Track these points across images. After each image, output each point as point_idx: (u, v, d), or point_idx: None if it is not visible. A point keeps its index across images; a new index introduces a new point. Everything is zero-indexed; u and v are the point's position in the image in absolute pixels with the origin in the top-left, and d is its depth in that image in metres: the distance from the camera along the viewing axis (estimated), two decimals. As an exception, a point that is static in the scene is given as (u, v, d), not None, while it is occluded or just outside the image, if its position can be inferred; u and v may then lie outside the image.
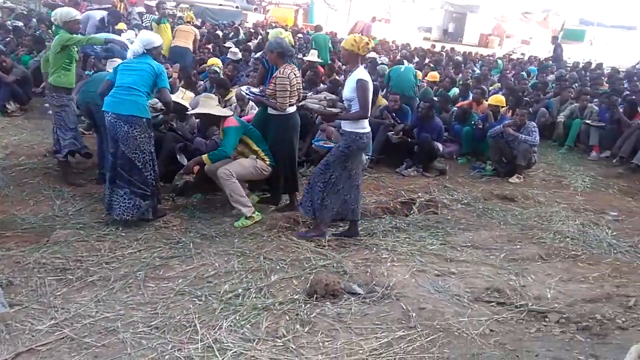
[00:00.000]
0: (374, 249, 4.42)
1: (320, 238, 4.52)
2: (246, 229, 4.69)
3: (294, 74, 4.92)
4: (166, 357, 2.87)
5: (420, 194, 5.84)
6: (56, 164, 5.59)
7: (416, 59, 14.75)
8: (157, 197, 4.78)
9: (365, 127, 4.41)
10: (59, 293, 3.45)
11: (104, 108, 4.52)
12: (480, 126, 7.31)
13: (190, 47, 10.10)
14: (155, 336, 3.05)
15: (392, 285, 3.70)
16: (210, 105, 4.99)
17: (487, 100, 8.15)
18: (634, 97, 8.99)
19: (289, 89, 4.84)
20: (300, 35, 17.76)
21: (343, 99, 4.52)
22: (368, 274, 3.91)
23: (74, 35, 5.19)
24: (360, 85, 4.26)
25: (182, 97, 5.86)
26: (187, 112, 5.41)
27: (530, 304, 3.53)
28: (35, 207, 4.84)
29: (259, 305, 3.41)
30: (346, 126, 4.47)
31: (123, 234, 4.42)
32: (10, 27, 12.18)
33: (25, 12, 15.54)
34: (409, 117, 7.39)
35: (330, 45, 12.24)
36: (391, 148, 7.04)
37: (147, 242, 4.30)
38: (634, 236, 4.95)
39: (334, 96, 4.62)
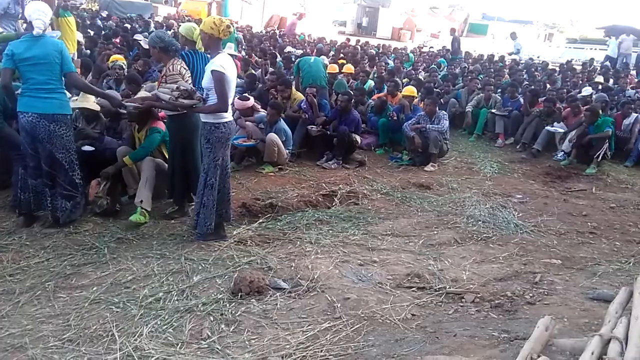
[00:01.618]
0: (298, 242, 4.43)
1: (219, 240, 4.36)
2: (165, 230, 4.53)
3: (184, 69, 4.68)
4: (81, 371, 2.71)
5: (341, 185, 5.93)
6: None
7: (331, 53, 14.93)
8: (84, 197, 4.61)
9: (223, 117, 4.15)
10: (-47, 312, 3.14)
11: (20, 109, 4.19)
12: (395, 117, 7.56)
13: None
14: (69, 349, 2.87)
15: (317, 278, 3.73)
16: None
17: (400, 92, 8.42)
18: (534, 87, 9.70)
19: None
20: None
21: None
22: (293, 268, 3.91)
23: None
24: (216, 76, 4.02)
25: (94, 101, 5.50)
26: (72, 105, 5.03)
27: (447, 287, 3.70)
28: None
29: (182, 308, 3.31)
30: (203, 117, 4.23)
31: (28, 242, 4.12)
32: None
33: None
34: (327, 109, 7.46)
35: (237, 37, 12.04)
36: (311, 141, 7.09)
37: (56, 250, 4.03)
38: (537, 216, 5.34)
39: (189, 86, 4.27)
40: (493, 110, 8.78)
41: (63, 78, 4.34)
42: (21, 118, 4.22)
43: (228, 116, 4.24)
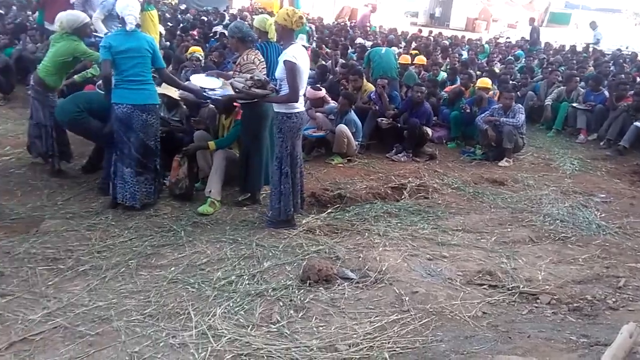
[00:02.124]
0: (366, 234, 4.44)
1: (289, 228, 4.44)
2: (238, 217, 4.68)
3: (259, 59, 4.80)
4: (160, 344, 2.86)
5: (410, 178, 5.85)
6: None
7: (403, 44, 14.70)
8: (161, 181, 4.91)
9: (294, 107, 4.23)
10: (50, 283, 3.41)
11: (115, 100, 4.45)
12: (468, 110, 7.33)
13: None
14: (149, 324, 3.04)
15: (385, 270, 3.72)
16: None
17: (474, 85, 8.16)
18: (622, 80, 9.05)
19: None
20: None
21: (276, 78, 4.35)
22: (361, 259, 3.92)
23: (91, 51, 5.05)
24: (288, 66, 4.09)
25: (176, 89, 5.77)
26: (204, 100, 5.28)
27: (521, 286, 3.57)
28: (22, 197, 4.76)
29: (253, 292, 3.41)
30: (275, 106, 4.33)
31: (113, 222, 4.38)
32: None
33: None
34: (398, 101, 7.38)
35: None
36: (381, 133, 7.04)
37: (138, 231, 4.27)
38: (623, 218, 5.02)
39: (263, 76, 4.39)
40: (574, 104, 8.31)
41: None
42: (116, 109, 4.44)
43: (300, 106, 4.30)
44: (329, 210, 4.92)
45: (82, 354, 2.74)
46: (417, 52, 11.38)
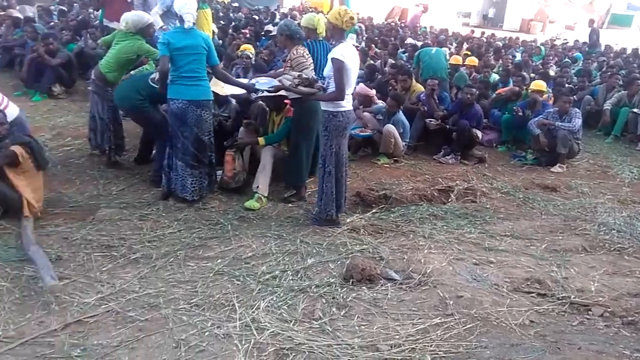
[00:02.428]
0: (411, 235, 4.40)
1: (333, 227, 4.44)
2: (283, 213, 4.74)
3: (307, 54, 4.86)
4: (206, 333, 2.94)
5: (458, 181, 5.75)
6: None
7: (454, 45, 14.44)
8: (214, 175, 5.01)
9: (341, 105, 4.24)
10: (104, 269, 3.56)
11: (170, 96, 4.58)
12: (520, 113, 7.12)
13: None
14: (196, 313, 3.13)
15: (429, 273, 3.68)
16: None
17: (527, 87, 7.92)
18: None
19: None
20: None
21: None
22: (405, 260, 3.89)
23: (153, 50, 5.18)
24: (336, 64, 4.10)
25: (223, 87, 5.91)
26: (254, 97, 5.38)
27: (572, 297, 3.45)
28: (81, 186, 4.99)
29: (296, 288, 3.45)
30: (322, 105, 4.35)
31: (164, 214, 4.51)
32: (55, 12, 12.51)
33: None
34: (447, 102, 7.26)
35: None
36: (429, 135, 6.95)
37: (187, 223, 4.39)
38: (684, 230, 4.75)
39: (311, 74, 4.41)
40: (635, 110, 7.92)
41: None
42: (171, 104, 4.58)
43: (347, 105, 4.30)
44: (374, 211, 4.90)
45: (132, 338, 2.84)
46: (468, 53, 11.15)
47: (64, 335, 2.83)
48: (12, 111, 4.64)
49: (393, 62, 9.62)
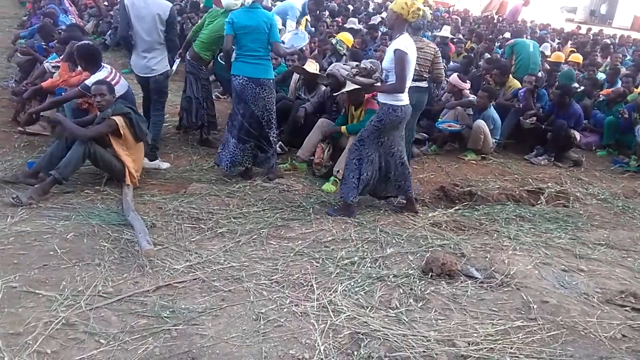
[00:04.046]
0: (495, 235, 4.25)
1: (346, 217, 4.36)
2: (364, 201, 4.74)
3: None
4: (284, 310, 3.03)
5: (550, 184, 5.46)
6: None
7: (556, 41, 13.60)
8: (274, 157, 5.12)
9: (401, 99, 4.16)
10: (193, 239, 3.77)
11: (233, 72, 4.79)
12: (627, 116, 6.60)
13: None
14: (275, 289, 3.23)
15: (513, 274, 3.54)
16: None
17: (637, 89, 7.32)
18: None
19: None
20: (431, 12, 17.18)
21: (383, 68, 4.29)
22: (487, 259, 3.77)
23: None
24: (398, 55, 4.01)
25: (315, 68, 6.03)
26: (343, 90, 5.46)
27: (673, 315, 3.17)
28: (175, 161, 5.31)
29: (374, 275, 3.45)
30: (381, 97, 4.26)
31: (250, 192, 4.68)
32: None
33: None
34: (545, 100, 6.88)
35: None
36: (521, 133, 6.64)
37: (271, 203, 4.53)
38: None
39: (369, 64, 4.29)
40: None
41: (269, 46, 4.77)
42: (233, 80, 4.81)
43: (406, 99, 4.23)
44: (457, 207, 4.79)
45: (216, 306, 2.99)
46: (574, 50, 10.46)
47: (155, 296, 3.03)
48: (121, 87, 5.00)
49: (489, 56, 9.27)
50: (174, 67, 5.57)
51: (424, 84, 5.31)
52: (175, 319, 2.84)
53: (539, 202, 5.07)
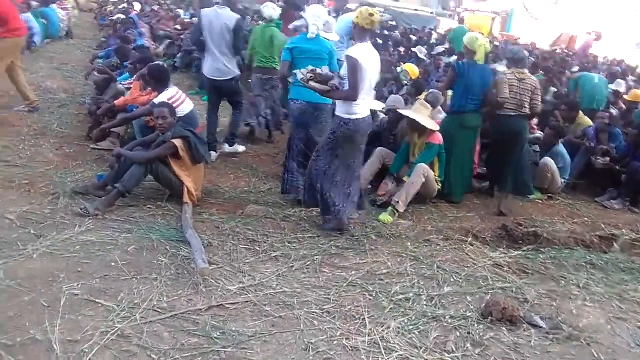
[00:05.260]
0: (562, 282, 3.98)
1: (339, 231, 4.33)
2: (421, 235, 4.61)
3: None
4: (334, 342, 2.94)
5: (624, 230, 5.08)
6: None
7: (631, 78, 12.96)
8: None
9: (355, 112, 4.06)
10: (247, 261, 3.76)
11: (291, 96, 4.85)
12: None
13: None
14: (326, 320, 3.15)
15: (582, 327, 3.29)
16: (422, 113, 5.08)
17: None
18: None
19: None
20: (496, 44, 16.90)
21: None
22: (553, 308, 3.53)
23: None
24: (350, 63, 3.91)
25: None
26: (399, 111, 5.45)
27: None
28: (234, 182, 5.38)
29: (429, 314, 3.31)
30: (337, 109, 4.21)
31: (305, 217, 4.65)
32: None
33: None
34: (619, 140, 6.51)
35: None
36: (592, 174, 6.29)
37: (326, 230, 4.47)
38: None
39: (327, 72, 4.21)
40: None
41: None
42: (292, 104, 4.88)
43: (360, 112, 4.13)
44: (522, 248, 4.55)
45: (266, 331, 2.95)
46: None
47: (207, 316, 3.02)
48: (186, 107, 5.15)
49: (556, 91, 8.93)
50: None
51: (525, 112, 5.47)
52: (225, 340, 2.82)
53: (612, 249, 4.72)
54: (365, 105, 4.19)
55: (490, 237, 4.75)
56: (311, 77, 4.19)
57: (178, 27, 12.61)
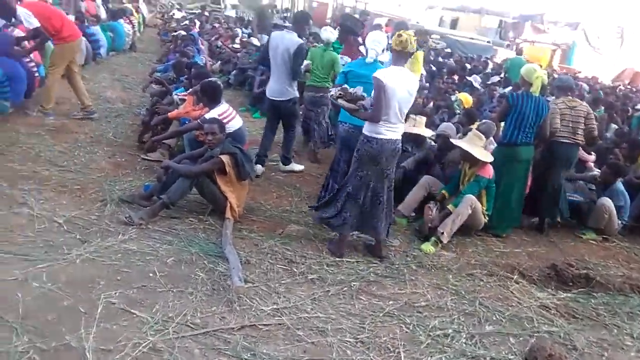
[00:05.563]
0: (615, 330, 3.73)
1: (335, 255, 4.27)
2: (464, 269, 4.44)
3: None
4: (367, 375, 2.84)
5: (686, 280, 4.73)
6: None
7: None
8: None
9: (380, 132, 4.04)
10: (283, 281, 3.72)
11: (340, 118, 4.83)
12: None
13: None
14: (360, 350, 3.05)
15: (636, 383, 3.04)
16: (475, 143, 4.97)
17: None
18: None
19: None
20: (555, 77, 16.43)
21: None
22: (604, 358, 3.29)
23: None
24: (375, 83, 3.96)
25: (414, 124, 5.91)
26: (452, 141, 5.33)
27: None
28: (277, 200, 5.38)
29: (469, 354, 3.15)
30: (363, 128, 4.19)
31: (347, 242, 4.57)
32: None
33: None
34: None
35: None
36: (653, 217, 5.92)
37: (366, 256, 4.38)
38: None
39: (359, 91, 4.24)
40: None
41: None
42: (340, 127, 4.88)
43: (386, 133, 4.07)
44: (571, 290, 4.30)
45: (297, 357, 2.88)
46: None
47: (239, 335, 2.99)
48: (235, 124, 5.23)
49: (617, 128, 8.54)
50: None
51: (578, 140, 5.42)
52: (254, 363, 2.76)
53: (671, 299, 4.39)
54: (391, 129, 4.09)
55: (538, 276, 4.53)
56: (341, 94, 4.25)
57: (235, 45, 12.97)
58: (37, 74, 6.87)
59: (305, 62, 6.11)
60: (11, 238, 3.58)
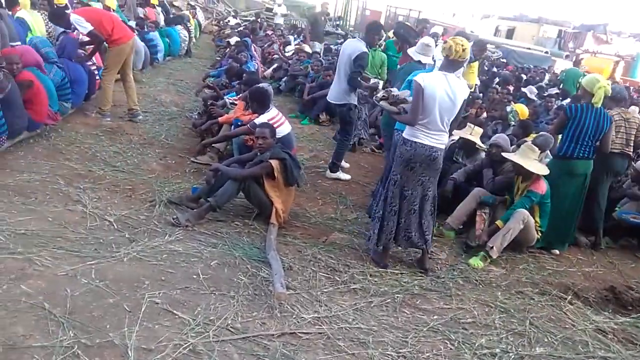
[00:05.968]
0: (680, 361, 3.45)
1: (377, 265, 4.21)
2: (514, 286, 4.25)
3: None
4: (408, 392, 2.74)
5: None
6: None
7: None
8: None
9: (416, 136, 3.97)
10: (325, 290, 3.67)
11: (396, 126, 4.74)
12: None
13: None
14: (401, 366, 2.96)
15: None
16: (528, 157, 4.79)
17: None
18: None
19: None
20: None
21: None
22: (666, 390, 3.05)
23: None
24: (413, 86, 3.94)
25: (471, 132, 5.76)
26: (503, 154, 5.15)
27: None
28: (322, 207, 5.34)
29: (518, 376, 2.99)
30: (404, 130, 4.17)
31: (392, 253, 4.48)
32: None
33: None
34: None
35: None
36: None
37: (410, 268, 4.28)
38: None
39: (403, 95, 4.13)
40: None
41: None
42: (395, 134, 4.75)
43: (423, 139, 3.97)
44: (630, 315, 4.03)
45: (336, 368, 2.82)
46: None
47: (279, 342, 2.96)
48: (284, 129, 5.25)
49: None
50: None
51: (629, 151, 5.35)
52: (293, 372, 2.72)
53: None
54: (429, 135, 3.97)
55: (594, 297, 4.28)
56: (384, 96, 4.21)
57: (288, 52, 13.11)
58: (97, 77, 7.16)
59: (373, 80, 6.20)
60: (64, 234, 3.71)
